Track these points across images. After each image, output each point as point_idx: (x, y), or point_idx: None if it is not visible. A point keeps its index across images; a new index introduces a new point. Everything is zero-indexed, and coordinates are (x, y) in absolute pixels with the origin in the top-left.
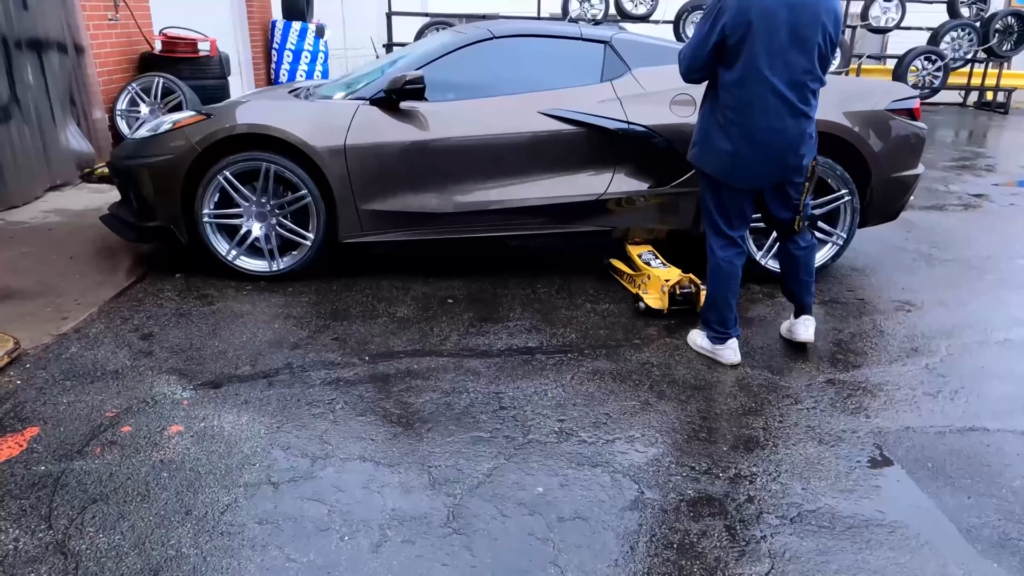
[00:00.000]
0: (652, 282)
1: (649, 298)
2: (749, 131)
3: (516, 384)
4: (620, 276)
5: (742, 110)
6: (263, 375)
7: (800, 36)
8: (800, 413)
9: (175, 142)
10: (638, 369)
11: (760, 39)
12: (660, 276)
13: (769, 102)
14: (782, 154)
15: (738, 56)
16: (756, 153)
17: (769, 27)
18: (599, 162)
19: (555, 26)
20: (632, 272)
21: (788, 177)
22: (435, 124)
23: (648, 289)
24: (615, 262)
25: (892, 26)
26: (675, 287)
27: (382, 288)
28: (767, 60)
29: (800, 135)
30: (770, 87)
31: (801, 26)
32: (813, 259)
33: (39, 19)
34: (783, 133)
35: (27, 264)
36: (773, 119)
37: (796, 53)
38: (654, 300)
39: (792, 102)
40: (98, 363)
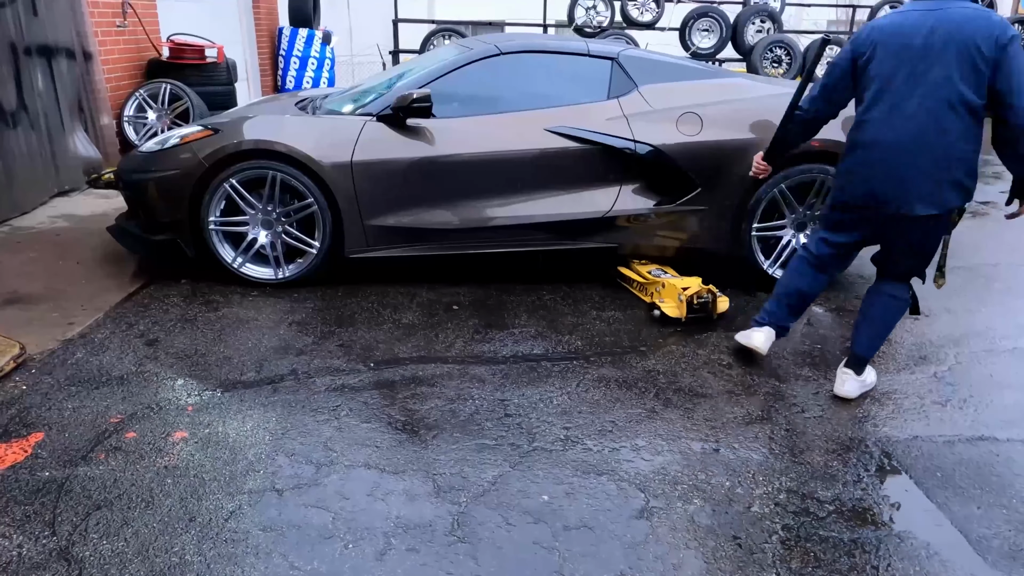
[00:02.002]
0: (667, 291)
1: (666, 307)
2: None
3: (521, 391)
4: (630, 284)
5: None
6: (268, 381)
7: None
8: (807, 422)
9: (182, 156)
10: (644, 376)
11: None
12: (676, 285)
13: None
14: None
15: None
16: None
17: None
18: (605, 179)
19: (562, 42)
20: (644, 280)
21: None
22: (442, 141)
23: (664, 297)
24: (624, 270)
25: None
26: (693, 296)
27: (387, 294)
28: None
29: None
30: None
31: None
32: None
33: (48, 26)
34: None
35: (34, 269)
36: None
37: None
38: (671, 309)
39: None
40: (103, 369)
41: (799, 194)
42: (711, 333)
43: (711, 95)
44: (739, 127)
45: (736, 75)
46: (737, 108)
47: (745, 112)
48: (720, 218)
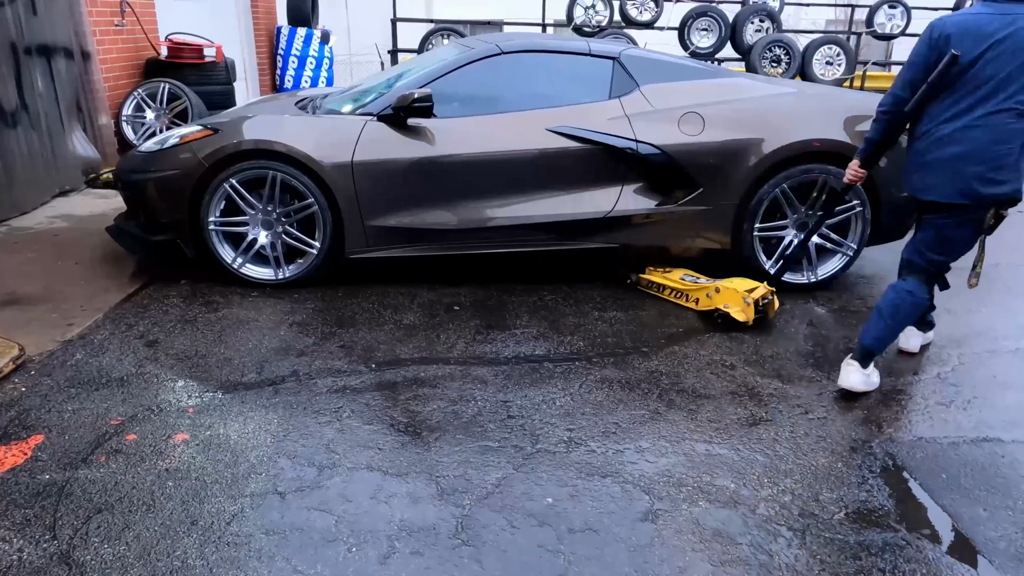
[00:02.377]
0: (727, 295)
1: (734, 311)
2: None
3: (524, 392)
4: (660, 291)
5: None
6: (269, 383)
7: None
8: (811, 423)
9: (182, 156)
10: (647, 378)
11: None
12: (736, 288)
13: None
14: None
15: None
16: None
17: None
18: (607, 180)
19: (563, 41)
20: (685, 287)
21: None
22: (442, 141)
23: (727, 302)
24: (653, 278)
25: (897, 33)
26: (759, 299)
27: (388, 295)
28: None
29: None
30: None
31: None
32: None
33: (48, 25)
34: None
35: (33, 270)
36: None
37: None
38: (739, 312)
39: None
40: (103, 370)
41: (800, 194)
42: (713, 334)
43: (713, 95)
44: (741, 127)
45: (737, 75)
46: (739, 108)
47: (747, 112)
48: (722, 218)
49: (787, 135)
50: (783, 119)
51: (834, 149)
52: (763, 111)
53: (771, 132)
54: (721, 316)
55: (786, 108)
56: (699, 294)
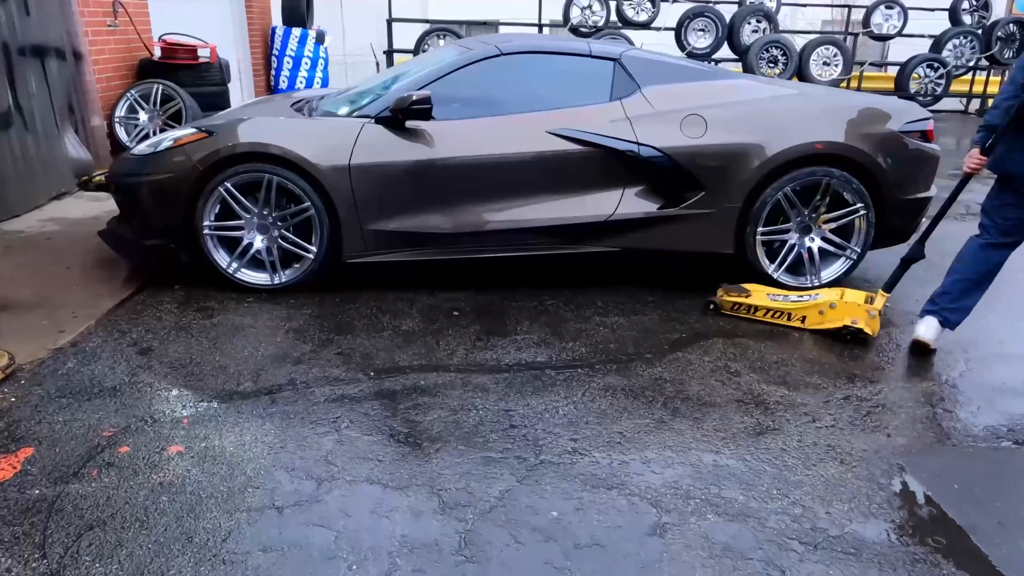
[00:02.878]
0: (848, 308)
1: (862, 324)
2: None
3: (526, 401)
4: (750, 313)
5: None
6: (266, 392)
7: None
8: (819, 432)
9: (176, 159)
10: (651, 385)
11: None
12: (855, 302)
13: None
14: None
15: None
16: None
17: None
18: (608, 183)
19: (564, 42)
20: (787, 306)
21: None
22: (442, 143)
23: (852, 316)
24: (735, 298)
25: (894, 33)
26: (879, 310)
27: (386, 300)
28: None
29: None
30: None
31: None
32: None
33: (40, 26)
34: None
35: (24, 275)
36: None
37: None
38: (866, 325)
39: None
40: (95, 379)
41: (804, 197)
42: (717, 340)
43: (715, 97)
44: (744, 129)
45: (739, 76)
46: (742, 110)
47: (750, 114)
48: (724, 221)
49: (790, 137)
50: (786, 121)
51: (837, 152)
52: (766, 113)
53: (774, 134)
54: (851, 332)
55: (789, 110)
56: (807, 312)
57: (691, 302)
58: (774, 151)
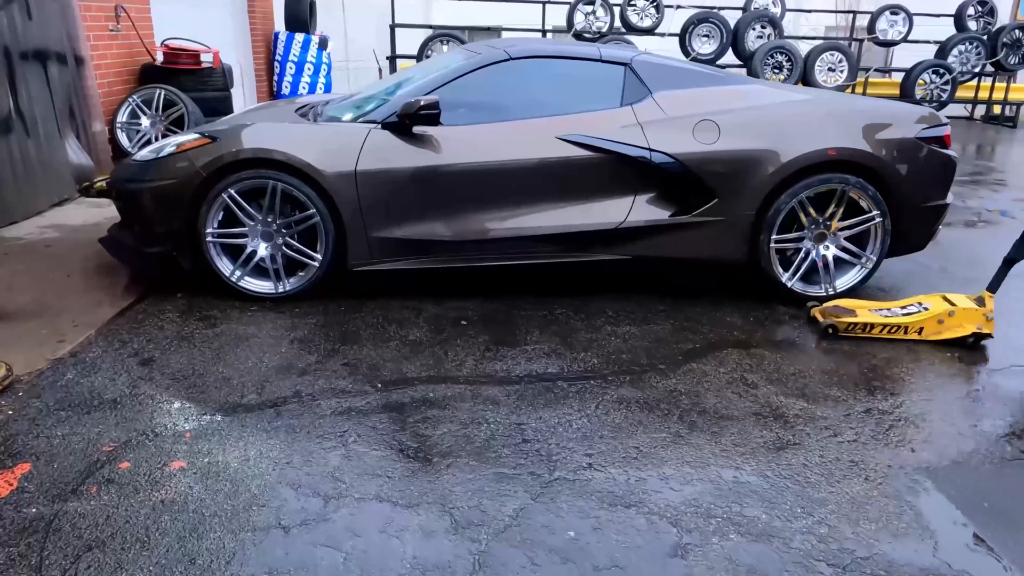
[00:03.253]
0: (966, 315)
1: (986, 328)
2: None
3: (538, 414)
4: (865, 331)
5: None
6: (270, 404)
7: None
8: (841, 447)
9: (179, 165)
10: (665, 397)
11: None
12: (968, 306)
13: None
14: None
15: None
16: None
17: None
18: (619, 189)
19: (573, 47)
20: (905, 320)
21: None
22: (449, 149)
23: (976, 323)
24: (849, 320)
25: (899, 39)
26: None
27: (392, 309)
28: None
29: None
30: None
31: None
32: None
33: (42, 30)
34: None
35: (23, 282)
36: None
37: None
38: (987, 327)
39: None
40: (95, 391)
41: (818, 204)
42: (732, 350)
43: (728, 102)
44: (758, 135)
45: (752, 81)
46: (755, 115)
47: (763, 120)
48: (737, 229)
49: (805, 143)
50: (801, 127)
51: (852, 158)
52: (780, 118)
53: (789, 140)
54: (977, 337)
55: (803, 115)
56: (925, 324)
57: (702, 310)
58: (788, 157)
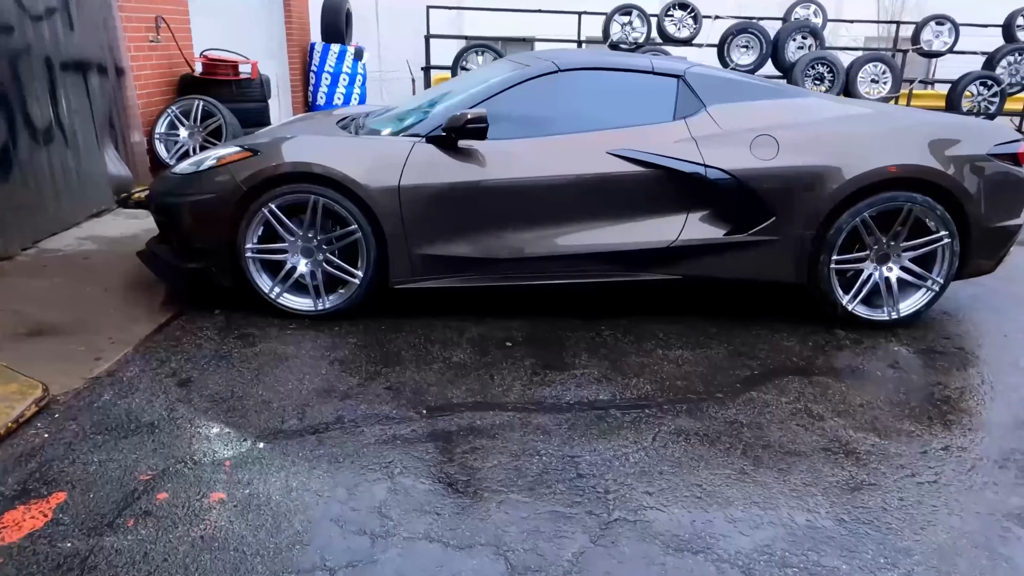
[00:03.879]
0: None
1: None
2: None
3: (592, 446)
4: None
5: None
6: (312, 430)
7: None
8: (922, 489)
9: (219, 179)
10: (726, 429)
11: None
12: None
13: None
14: None
15: None
16: None
17: None
18: (671, 207)
19: (624, 58)
20: None
21: None
22: (496, 164)
23: None
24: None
25: (945, 50)
26: None
27: (434, 329)
28: None
29: None
30: None
31: None
32: None
33: (83, 41)
34: None
35: (60, 297)
36: None
37: None
38: None
39: None
40: (132, 414)
41: (882, 224)
42: (793, 378)
43: (786, 116)
44: (818, 151)
45: (809, 93)
46: (816, 130)
47: (824, 135)
48: (796, 249)
49: (869, 160)
50: (865, 142)
51: (920, 175)
52: (843, 134)
53: (852, 157)
54: None
55: (867, 130)
56: None
57: (758, 333)
58: (852, 174)
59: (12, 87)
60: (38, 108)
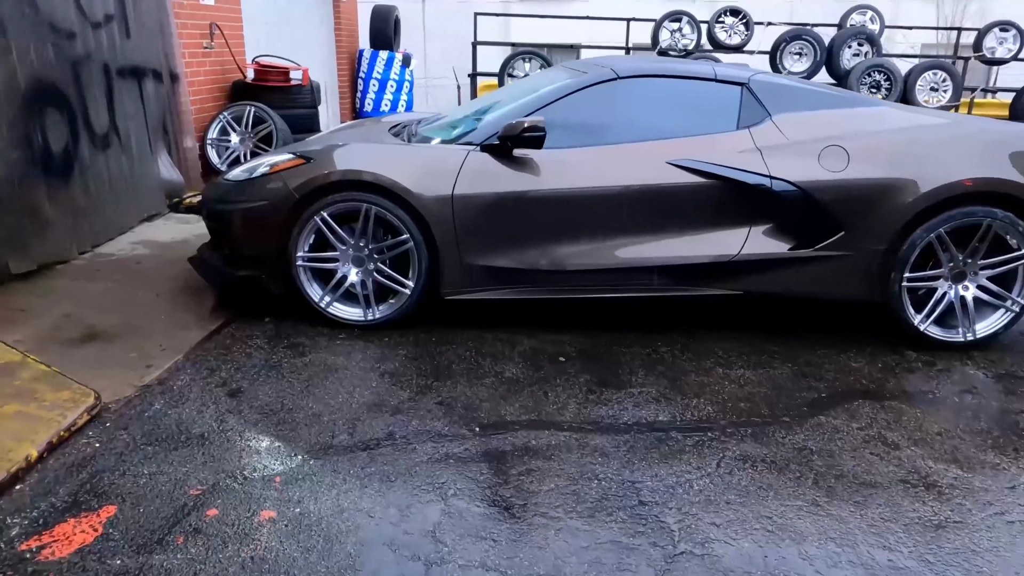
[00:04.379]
0: None
1: None
2: None
3: (653, 471)
4: None
5: None
6: (363, 446)
7: None
8: (1012, 529)
9: (271, 186)
10: (795, 456)
11: None
12: None
13: None
14: None
15: None
16: None
17: None
18: (733, 220)
19: (685, 65)
20: None
21: None
22: (552, 173)
23: None
24: None
25: (1009, 57)
26: None
27: (485, 341)
28: None
29: None
30: None
31: None
32: None
33: (139, 47)
34: None
35: (112, 301)
36: None
37: None
38: None
39: None
40: (183, 424)
41: (958, 240)
42: (863, 402)
43: (855, 125)
44: (890, 163)
45: (879, 102)
46: (888, 141)
47: (899, 146)
48: (865, 265)
49: (946, 172)
50: (941, 154)
51: (1000, 189)
52: (918, 145)
53: (927, 169)
54: None
55: (944, 141)
56: None
57: (823, 353)
58: (928, 187)
59: (73, 93)
60: (96, 114)
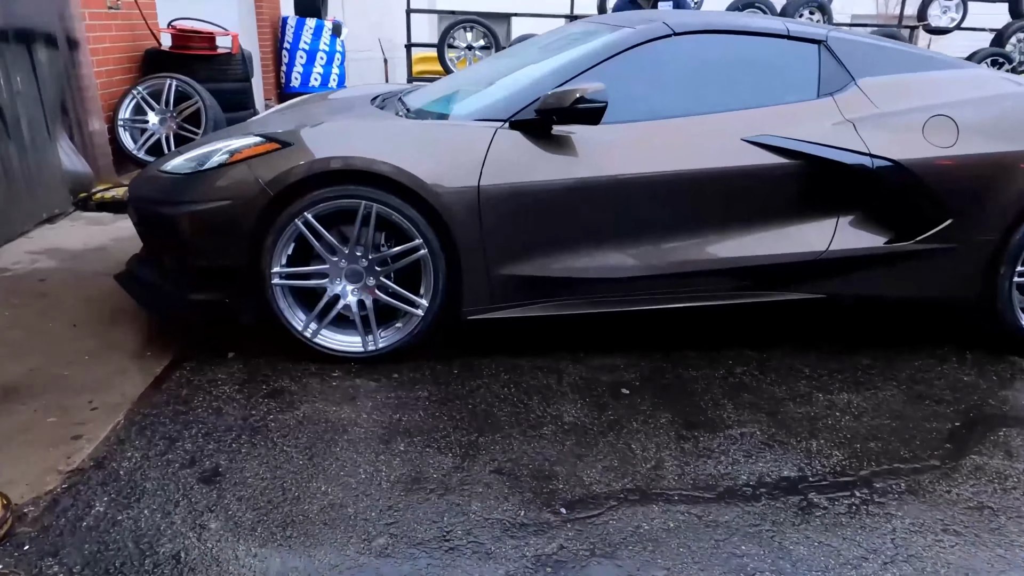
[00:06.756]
0: None
1: None
2: None
3: (818, 559)
4: None
5: None
6: (413, 555)
7: None
8: None
9: (234, 180)
10: (976, 519)
11: None
12: None
13: None
14: None
15: None
16: None
17: None
18: (818, 208)
19: (752, 20)
20: None
21: None
22: (598, 156)
23: None
24: None
25: (952, 27)
26: None
27: (522, 371)
28: None
29: None
30: None
31: None
32: None
33: (28, 5)
34: None
35: (15, 337)
36: None
37: None
38: None
39: None
40: (143, 539)
41: None
42: (1008, 431)
43: (955, 92)
44: (1007, 136)
45: (969, 64)
46: (1000, 109)
47: (1011, 115)
48: (973, 259)
49: None
50: None
51: None
52: None
53: None
54: None
55: None
56: None
57: (922, 364)
58: None
59: None
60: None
